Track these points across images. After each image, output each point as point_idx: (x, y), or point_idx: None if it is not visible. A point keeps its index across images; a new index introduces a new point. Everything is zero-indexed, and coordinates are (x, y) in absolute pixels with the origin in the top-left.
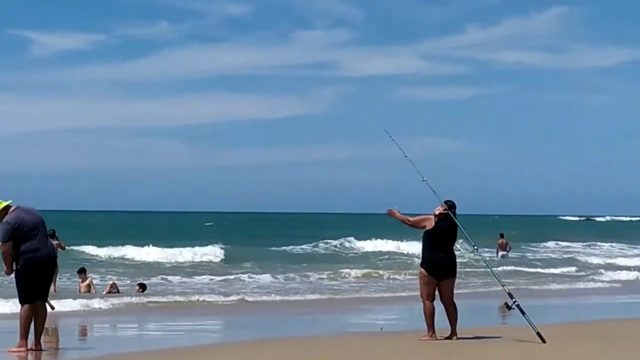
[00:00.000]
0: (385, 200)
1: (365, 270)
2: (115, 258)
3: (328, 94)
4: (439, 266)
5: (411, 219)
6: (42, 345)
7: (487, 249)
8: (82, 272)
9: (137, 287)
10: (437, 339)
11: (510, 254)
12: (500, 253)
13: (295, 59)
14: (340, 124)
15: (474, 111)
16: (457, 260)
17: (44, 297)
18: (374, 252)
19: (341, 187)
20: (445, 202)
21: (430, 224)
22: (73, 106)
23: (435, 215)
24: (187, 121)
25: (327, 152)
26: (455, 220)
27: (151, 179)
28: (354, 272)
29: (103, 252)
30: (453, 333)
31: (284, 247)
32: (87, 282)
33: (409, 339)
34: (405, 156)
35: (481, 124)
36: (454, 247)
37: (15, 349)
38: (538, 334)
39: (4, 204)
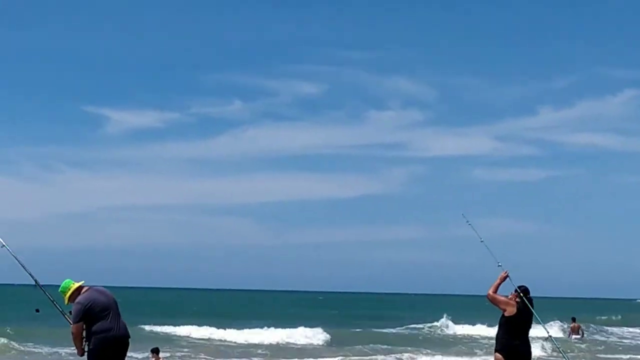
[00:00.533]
0: (455, 281)
1: None
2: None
3: (400, 174)
4: (515, 353)
5: (495, 294)
6: None
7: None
8: (155, 351)
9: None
10: None
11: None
12: (573, 337)
13: (368, 139)
14: (412, 204)
15: (546, 193)
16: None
17: None
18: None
19: (411, 267)
20: (519, 287)
21: (511, 311)
22: (146, 183)
23: (515, 302)
24: (259, 199)
25: (399, 232)
26: (531, 309)
27: (222, 256)
28: None
29: (222, 334)
30: None
31: (389, 329)
32: None
33: None
34: (482, 241)
35: (554, 206)
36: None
37: None
38: None
39: (77, 285)
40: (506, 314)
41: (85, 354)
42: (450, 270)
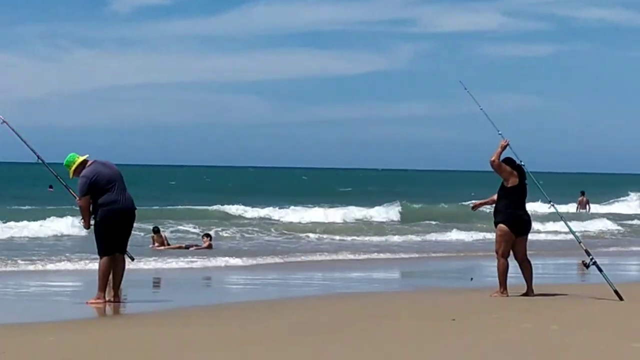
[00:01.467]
0: (461, 157)
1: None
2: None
3: (407, 50)
4: (520, 223)
5: (499, 162)
6: (120, 298)
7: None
8: (156, 231)
9: (204, 239)
10: (508, 296)
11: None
12: (581, 210)
13: (376, 15)
14: (418, 81)
15: (554, 68)
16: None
17: (122, 249)
18: None
19: (417, 144)
20: (505, 158)
21: (514, 181)
22: (153, 61)
23: (517, 172)
24: (268, 76)
25: (405, 108)
26: (528, 177)
27: (230, 134)
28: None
29: (251, 213)
30: (529, 290)
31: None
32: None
33: (479, 295)
34: (481, 109)
35: (562, 81)
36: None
37: (94, 301)
38: (616, 291)
39: (82, 158)
40: (509, 184)
41: (92, 226)
42: (457, 147)
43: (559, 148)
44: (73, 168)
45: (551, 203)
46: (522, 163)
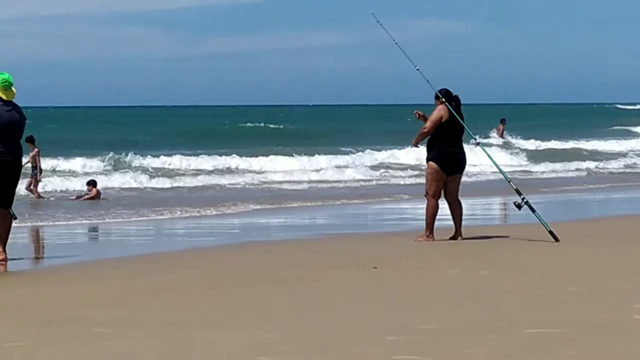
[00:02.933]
0: (380, 90)
1: None
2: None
3: None
4: (452, 161)
5: (427, 125)
6: (7, 255)
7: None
8: (92, 184)
9: (89, 187)
10: (434, 240)
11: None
12: (498, 138)
13: None
14: (330, 6)
15: None
16: None
17: (7, 204)
18: None
19: (330, 76)
20: (439, 90)
21: (446, 115)
22: None
23: (447, 107)
24: (162, 5)
25: (316, 38)
26: (457, 114)
27: (124, 70)
28: None
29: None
30: (458, 233)
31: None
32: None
33: (403, 240)
34: (395, 43)
35: (485, 1)
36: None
37: None
38: (550, 232)
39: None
40: (443, 119)
41: None
42: (374, 78)
43: (484, 77)
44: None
45: (476, 139)
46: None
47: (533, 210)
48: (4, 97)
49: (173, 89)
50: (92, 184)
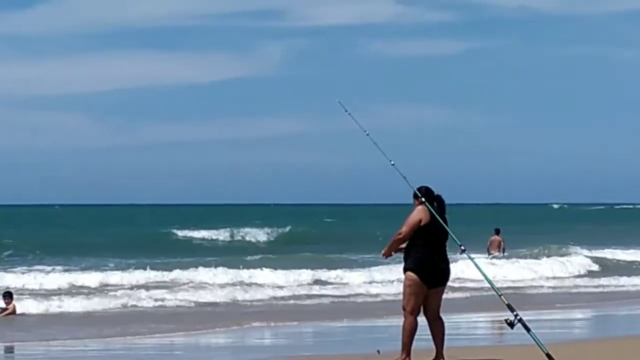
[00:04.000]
0: (349, 188)
1: None
2: None
3: (276, 51)
4: (434, 271)
5: (403, 229)
6: None
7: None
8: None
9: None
10: None
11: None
12: (492, 254)
13: (234, 6)
14: (291, 90)
15: (463, 70)
16: None
17: None
18: None
19: (290, 171)
20: (418, 188)
21: (426, 218)
22: None
23: (427, 208)
24: (94, 88)
25: (274, 125)
26: (439, 217)
27: (49, 162)
28: None
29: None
30: (439, 355)
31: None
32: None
33: None
34: (367, 134)
35: (473, 87)
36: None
37: None
38: (548, 355)
39: None
40: (423, 222)
41: None
42: (340, 173)
43: (470, 173)
44: None
45: (462, 248)
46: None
47: (527, 329)
48: None
49: (104, 184)
50: (8, 296)
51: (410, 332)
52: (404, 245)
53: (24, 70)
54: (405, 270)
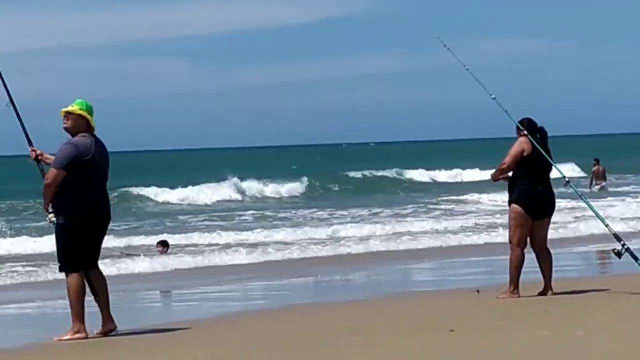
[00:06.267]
0: (450, 123)
1: None
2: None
3: None
4: (539, 202)
5: (506, 160)
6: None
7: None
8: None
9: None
10: (520, 296)
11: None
12: (597, 185)
13: None
14: (385, 27)
15: (560, 2)
16: None
17: (95, 262)
18: None
19: (388, 109)
20: (520, 121)
21: (528, 149)
22: (45, 21)
23: (529, 140)
24: (190, 32)
25: (370, 64)
26: (543, 148)
27: (145, 108)
28: None
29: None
30: (548, 287)
31: None
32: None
33: (484, 297)
34: (467, 69)
35: (572, 17)
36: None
37: (69, 337)
38: None
39: (83, 110)
40: (525, 153)
41: (52, 220)
42: (442, 111)
43: (572, 104)
44: (78, 120)
45: (567, 180)
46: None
47: (635, 259)
48: (94, 125)
49: (202, 128)
50: (163, 244)
51: (517, 265)
52: (509, 174)
53: (115, 19)
54: (509, 202)
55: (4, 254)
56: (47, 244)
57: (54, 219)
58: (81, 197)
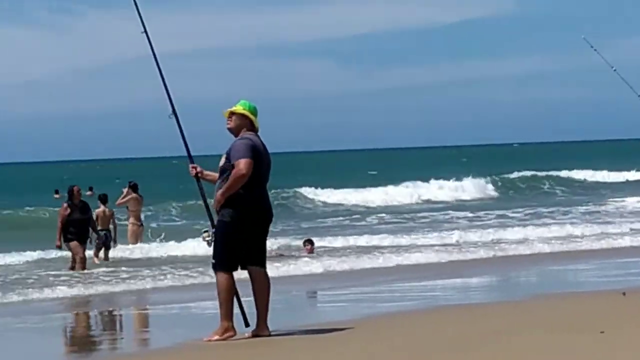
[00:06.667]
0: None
1: None
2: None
3: None
4: None
5: None
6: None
7: None
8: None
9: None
10: None
11: None
12: None
13: None
14: (530, 27)
15: None
16: None
17: (259, 261)
18: None
19: (538, 109)
20: None
21: None
22: (191, 23)
23: None
24: (336, 33)
25: (517, 65)
26: None
27: (291, 109)
28: None
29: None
30: None
31: None
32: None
33: (635, 299)
34: (614, 70)
35: None
36: None
37: (218, 337)
38: None
39: (247, 110)
40: None
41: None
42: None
43: None
44: (241, 119)
45: None
46: None
47: None
48: (258, 126)
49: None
50: (309, 242)
51: None
52: None
53: (264, 20)
54: None
55: (159, 256)
56: (190, 245)
57: (208, 238)
58: (247, 194)
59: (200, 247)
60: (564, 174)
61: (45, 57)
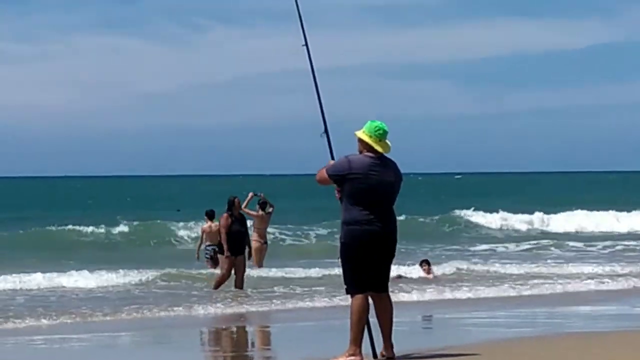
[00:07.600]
0: None
1: None
2: None
3: None
4: None
5: None
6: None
7: None
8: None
9: (423, 266)
10: None
11: None
12: None
13: None
14: None
15: None
16: None
17: (380, 286)
18: None
19: None
20: None
21: None
22: (314, 40)
23: None
24: (462, 55)
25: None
26: None
27: (410, 130)
28: None
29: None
30: None
31: None
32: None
33: None
34: None
35: None
36: None
37: (343, 359)
38: None
39: (364, 134)
40: None
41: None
42: None
43: None
44: (359, 142)
45: None
46: None
47: None
48: (378, 149)
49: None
50: (426, 263)
51: None
52: None
53: (391, 39)
54: None
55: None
56: None
57: None
58: (354, 215)
59: None
60: None
61: (166, 71)
